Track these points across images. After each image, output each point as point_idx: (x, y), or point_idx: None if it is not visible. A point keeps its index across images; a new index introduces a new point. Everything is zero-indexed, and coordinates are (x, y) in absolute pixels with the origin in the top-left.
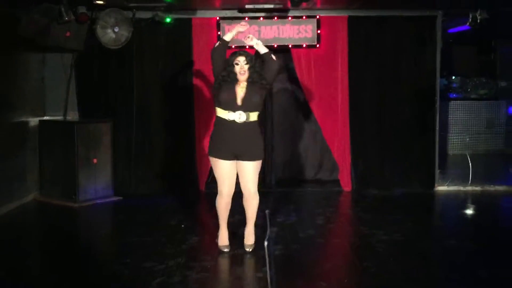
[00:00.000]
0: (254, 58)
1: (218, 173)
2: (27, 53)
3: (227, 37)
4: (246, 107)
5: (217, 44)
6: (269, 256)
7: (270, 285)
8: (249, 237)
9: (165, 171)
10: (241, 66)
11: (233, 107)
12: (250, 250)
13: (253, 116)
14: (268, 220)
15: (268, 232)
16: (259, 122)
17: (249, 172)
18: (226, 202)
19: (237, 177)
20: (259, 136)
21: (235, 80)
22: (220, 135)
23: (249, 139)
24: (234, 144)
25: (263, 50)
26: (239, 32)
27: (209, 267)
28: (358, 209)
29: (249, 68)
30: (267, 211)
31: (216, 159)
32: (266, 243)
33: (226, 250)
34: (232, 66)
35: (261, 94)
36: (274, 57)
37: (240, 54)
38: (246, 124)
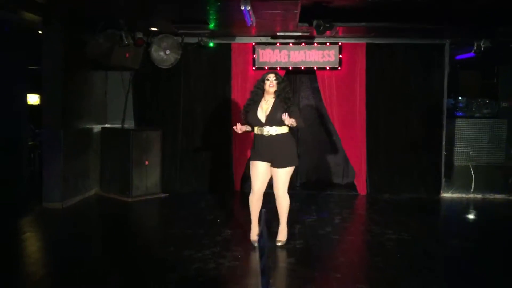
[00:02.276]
0: (283, 77)
1: (251, 172)
2: (93, 71)
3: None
4: (270, 123)
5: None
6: (261, 249)
7: (261, 275)
8: (281, 234)
9: (206, 173)
10: (271, 81)
11: (260, 124)
12: (281, 245)
13: (281, 129)
14: (263, 217)
15: (261, 228)
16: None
17: (279, 176)
18: (256, 199)
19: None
20: (290, 146)
21: (261, 96)
22: (256, 145)
23: (279, 149)
24: (267, 152)
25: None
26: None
27: (240, 257)
28: (371, 211)
29: (278, 84)
30: (263, 210)
31: (252, 161)
32: (257, 237)
33: (256, 244)
34: (263, 82)
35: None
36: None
37: (271, 72)
38: (276, 136)
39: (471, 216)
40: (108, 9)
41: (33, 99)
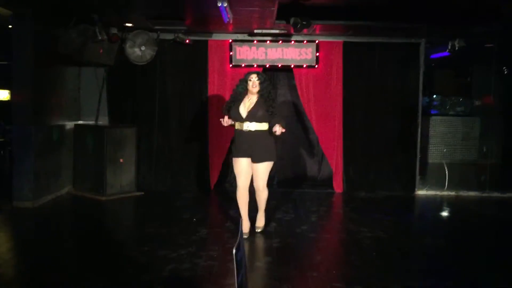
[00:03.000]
0: (265, 77)
1: (235, 169)
2: (66, 67)
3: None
4: (251, 119)
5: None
6: (238, 263)
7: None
8: (259, 221)
9: (181, 171)
10: (253, 82)
11: (241, 119)
12: (259, 231)
13: (261, 126)
14: (240, 227)
15: (238, 239)
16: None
17: (258, 171)
18: (242, 194)
19: None
20: (268, 142)
21: (244, 94)
22: (236, 141)
23: (258, 144)
24: (247, 147)
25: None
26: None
27: (215, 256)
28: (347, 209)
29: (260, 84)
30: (241, 219)
31: (234, 158)
32: (234, 251)
33: (245, 236)
34: (246, 82)
35: (265, 112)
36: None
37: (253, 73)
38: (255, 132)
39: (445, 214)
40: (82, 4)
41: (3, 94)
